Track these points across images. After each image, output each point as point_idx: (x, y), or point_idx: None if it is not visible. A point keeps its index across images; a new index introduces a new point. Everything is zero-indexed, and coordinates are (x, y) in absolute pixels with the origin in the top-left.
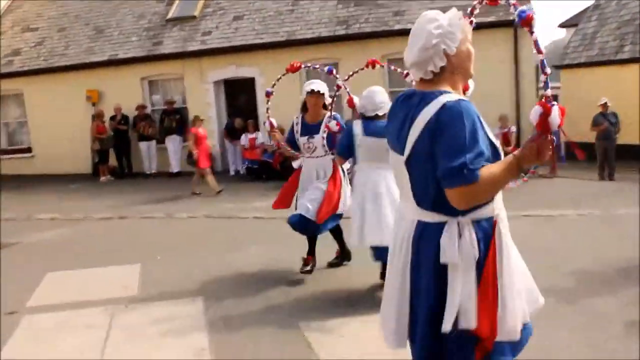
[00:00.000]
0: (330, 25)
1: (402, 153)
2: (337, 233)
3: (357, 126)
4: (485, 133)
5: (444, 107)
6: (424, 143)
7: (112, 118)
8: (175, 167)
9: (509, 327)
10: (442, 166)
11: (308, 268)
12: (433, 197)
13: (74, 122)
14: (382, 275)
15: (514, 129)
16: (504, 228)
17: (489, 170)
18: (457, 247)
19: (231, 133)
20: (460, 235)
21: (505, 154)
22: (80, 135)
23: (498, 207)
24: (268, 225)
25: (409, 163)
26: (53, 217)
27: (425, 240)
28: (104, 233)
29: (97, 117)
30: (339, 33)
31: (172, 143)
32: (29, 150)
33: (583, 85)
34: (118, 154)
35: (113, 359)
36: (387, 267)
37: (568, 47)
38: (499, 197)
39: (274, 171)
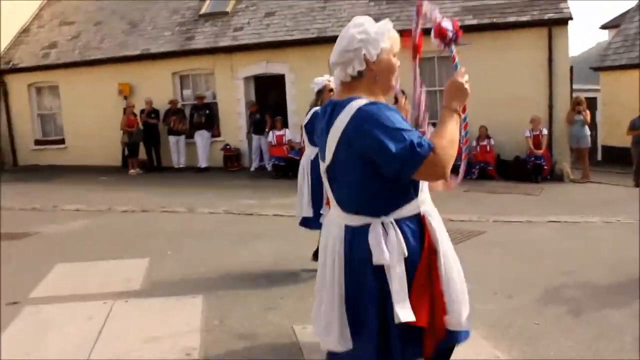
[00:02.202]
0: None
1: (324, 160)
2: None
3: None
4: None
5: (359, 110)
6: (343, 148)
7: (142, 111)
8: (202, 162)
9: (454, 315)
10: (392, 159)
11: None
12: (356, 201)
13: (105, 115)
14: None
15: (545, 131)
16: (435, 224)
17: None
18: (385, 246)
19: (256, 125)
20: (386, 235)
21: (536, 157)
22: (112, 128)
23: (424, 204)
24: (285, 223)
25: (329, 171)
26: (78, 208)
27: (355, 244)
28: (123, 226)
29: (128, 110)
30: None
31: (201, 138)
32: (62, 141)
33: (623, 88)
34: (147, 147)
35: (100, 356)
36: (318, 271)
37: (609, 48)
38: (424, 196)
39: None
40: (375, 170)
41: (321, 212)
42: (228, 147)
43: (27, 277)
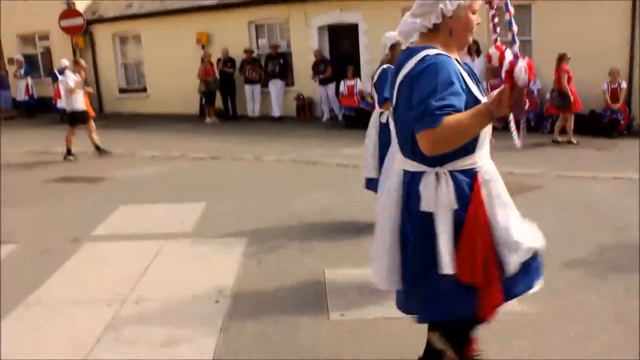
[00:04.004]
0: None
1: (392, 105)
2: None
3: None
4: (468, 89)
5: (422, 59)
6: (404, 93)
7: (219, 60)
8: (276, 112)
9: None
10: (413, 112)
11: None
12: (411, 147)
13: (184, 64)
14: None
15: (624, 84)
16: (490, 180)
17: (454, 116)
18: (435, 196)
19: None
20: (438, 185)
21: (612, 111)
22: (190, 77)
23: (481, 160)
24: (345, 173)
25: (394, 114)
26: (153, 155)
27: (410, 189)
28: (191, 172)
29: (205, 59)
30: None
31: (275, 87)
32: (144, 90)
33: None
34: (224, 96)
35: (141, 291)
36: (378, 212)
37: None
38: (483, 150)
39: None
40: None
41: None
42: (301, 96)
43: (93, 217)
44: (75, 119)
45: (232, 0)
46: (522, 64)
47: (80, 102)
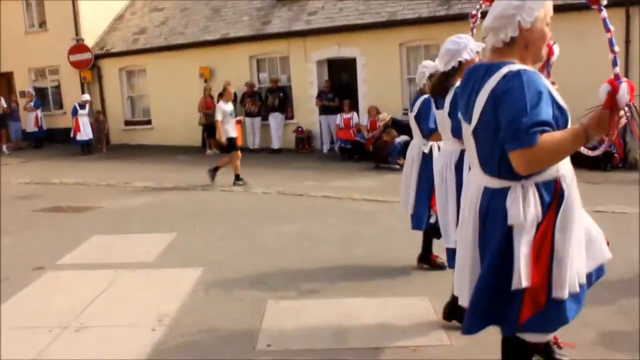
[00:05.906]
0: (432, 5)
1: (470, 123)
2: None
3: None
4: (555, 102)
5: (506, 77)
6: (489, 112)
7: (221, 94)
8: (275, 144)
9: (562, 282)
10: (504, 131)
11: None
12: (497, 164)
13: (188, 97)
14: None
15: None
16: (568, 187)
17: (551, 136)
18: (522, 210)
19: (324, 105)
20: (524, 198)
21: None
22: (193, 110)
23: (563, 168)
24: (327, 205)
25: (475, 132)
26: (146, 185)
27: (492, 205)
28: (178, 203)
29: (206, 92)
30: (440, 13)
31: (274, 120)
32: (149, 122)
33: None
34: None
35: (85, 318)
36: (457, 231)
37: None
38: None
39: (366, 152)
40: None
41: (430, 213)
42: (300, 129)
43: (64, 246)
44: (233, 145)
45: (234, 35)
46: (625, 85)
47: (232, 130)
